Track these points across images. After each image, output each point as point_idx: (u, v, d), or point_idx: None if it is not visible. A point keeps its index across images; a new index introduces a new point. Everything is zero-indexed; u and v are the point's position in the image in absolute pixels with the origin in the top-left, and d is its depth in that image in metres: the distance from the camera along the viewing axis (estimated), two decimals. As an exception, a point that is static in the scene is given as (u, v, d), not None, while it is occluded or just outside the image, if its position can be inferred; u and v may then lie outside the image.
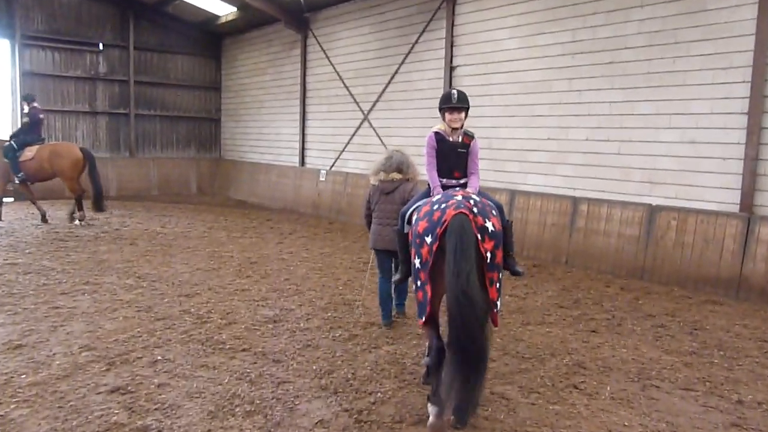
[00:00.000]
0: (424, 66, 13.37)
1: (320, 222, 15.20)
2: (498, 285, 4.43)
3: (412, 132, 13.63)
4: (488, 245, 4.28)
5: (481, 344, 3.99)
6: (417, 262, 4.45)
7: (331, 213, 15.91)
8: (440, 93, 12.72)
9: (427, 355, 4.82)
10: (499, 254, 4.40)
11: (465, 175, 5.27)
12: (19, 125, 15.55)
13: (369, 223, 6.97)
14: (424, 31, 13.25)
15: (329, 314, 7.28)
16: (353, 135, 15.63)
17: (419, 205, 4.81)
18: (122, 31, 19.87)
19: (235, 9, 18.48)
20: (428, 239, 4.32)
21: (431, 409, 4.26)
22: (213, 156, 22.41)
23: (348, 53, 15.63)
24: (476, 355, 3.95)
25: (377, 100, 14.75)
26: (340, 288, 8.57)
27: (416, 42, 13.47)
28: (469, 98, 5.19)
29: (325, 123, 16.77)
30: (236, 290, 8.28)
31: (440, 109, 5.20)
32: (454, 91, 5.14)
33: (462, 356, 3.92)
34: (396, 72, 14.11)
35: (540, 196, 10.82)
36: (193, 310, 7.29)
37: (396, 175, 6.74)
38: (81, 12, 19.13)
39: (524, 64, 11.18)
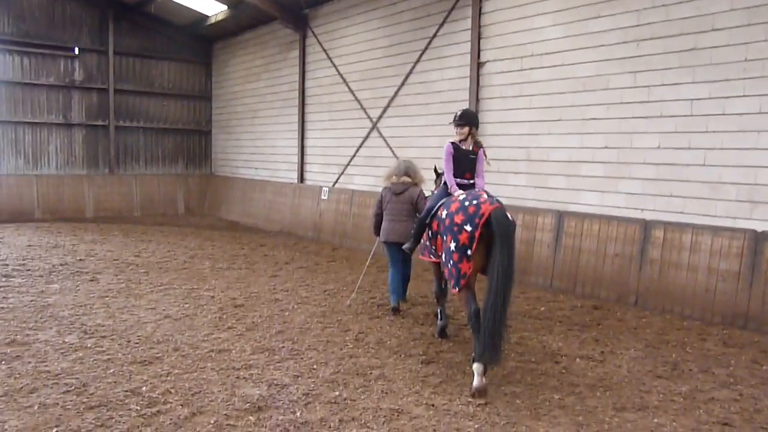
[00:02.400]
0: (445, 63, 11.29)
1: (322, 248, 13.04)
2: None
3: (429, 142, 11.55)
4: (513, 233, 5.46)
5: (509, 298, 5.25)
6: (452, 245, 5.51)
7: (335, 237, 13.76)
8: (465, 95, 10.78)
9: (441, 320, 6.85)
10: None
11: (473, 177, 6.48)
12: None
13: (377, 223, 7.90)
14: (444, 22, 11.19)
15: (337, 393, 5.14)
16: (360, 146, 13.53)
17: (444, 202, 6.01)
18: (101, 34, 17.86)
19: (225, 8, 16.49)
20: (468, 227, 5.39)
21: (477, 367, 5.23)
22: (203, 172, 20.28)
23: (353, 53, 13.57)
24: (505, 307, 5.18)
25: (388, 106, 12.66)
26: (350, 345, 6.42)
27: (435, 36, 11.41)
28: (476, 114, 7.06)
29: (328, 133, 14.68)
30: (211, 351, 6.14)
31: (453, 124, 6.48)
32: (459, 111, 6.48)
33: (499, 310, 5.10)
34: (410, 72, 12.04)
35: (597, 218, 8.68)
36: (145, 388, 5.15)
37: (406, 179, 7.70)
38: (54, 12, 17.13)
39: (572, 57, 9.10)
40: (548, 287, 9.10)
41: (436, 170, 7.54)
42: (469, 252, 5.38)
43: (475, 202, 5.46)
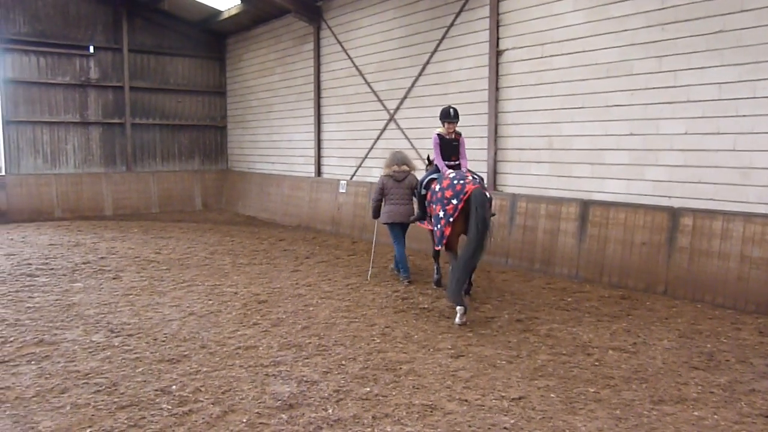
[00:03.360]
0: (463, 53, 11.14)
1: (341, 242, 12.99)
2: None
3: (448, 132, 11.40)
4: (488, 205, 7.15)
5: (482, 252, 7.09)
6: (441, 213, 7.17)
7: (354, 231, 13.70)
8: (484, 84, 10.61)
9: (437, 274, 8.64)
10: (490, 207, 7.34)
11: (458, 159, 8.10)
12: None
13: (377, 207, 9.03)
14: (461, 10, 11.04)
15: (368, 389, 5.08)
16: (377, 139, 13.44)
17: (437, 177, 7.73)
18: (115, 32, 17.87)
19: (238, 2, 16.40)
20: (454, 201, 7.04)
21: (459, 309, 6.88)
22: (219, 168, 20.31)
23: (369, 44, 13.46)
24: (479, 256, 7.05)
25: (405, 97, 12.55)
26: (377, 340, 6.35)
27: (452, 25, 11.26)
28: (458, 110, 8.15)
29: (344, 126, 14.60)
30: (238, 348, 6.11)
31: (441, 120, 8.01)
32: (451, 109, 7.95)
33: (474, 258, 6.93)
34: (427, 62, 11.91)
35: (624, 207, 8.54)
36: (174, 387, 5.12)
37: (405, 167, 8.92)
38: (68, 12, 17.15)
39: (594, 42, 8.93)
40: (573, 277, 8.97)
41: (428, 158, 8.89)
42: (451, 219, 7.08)
43: (462, 181, 7.10)
